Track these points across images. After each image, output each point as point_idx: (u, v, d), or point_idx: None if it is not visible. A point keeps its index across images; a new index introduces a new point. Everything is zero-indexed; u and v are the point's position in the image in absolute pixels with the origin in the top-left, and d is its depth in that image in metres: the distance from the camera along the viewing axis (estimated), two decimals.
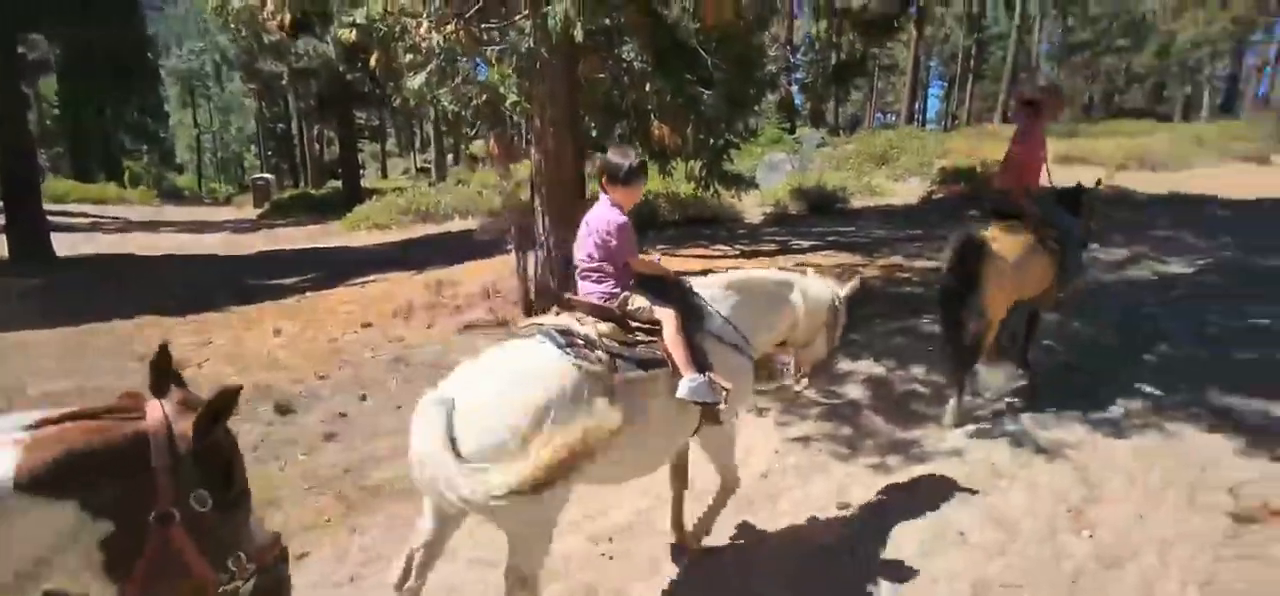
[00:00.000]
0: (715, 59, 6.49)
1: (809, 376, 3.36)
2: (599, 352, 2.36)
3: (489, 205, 13.32)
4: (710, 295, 2.84)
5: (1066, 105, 18.62)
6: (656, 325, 2.57)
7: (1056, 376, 4.98)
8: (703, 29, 6.04)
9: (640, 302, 2.62)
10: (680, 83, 6.37)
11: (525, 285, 6.35)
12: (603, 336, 2.43)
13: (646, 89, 6.54)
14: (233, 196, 35.90)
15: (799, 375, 3.36)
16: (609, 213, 2.62)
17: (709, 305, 2.79)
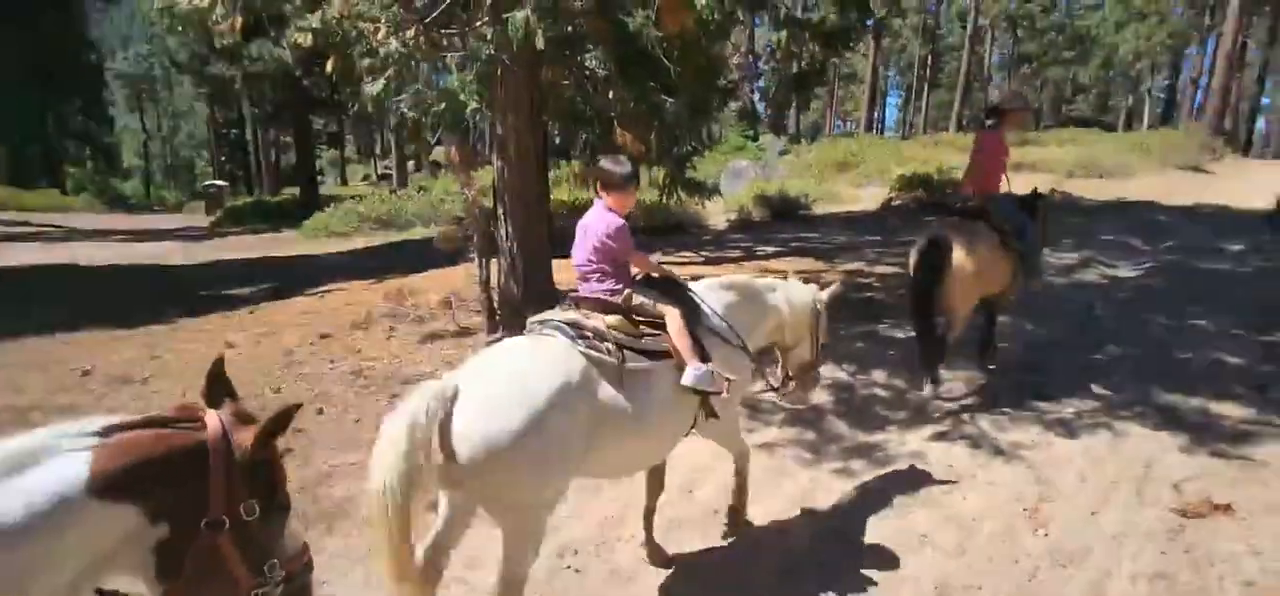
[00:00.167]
0: (677, 67, 6.51)
1: (796, 380, 3.43)
2: (608, 344, 2.46)
3: (451, 212, 13.12)
4: (704, 295, 2.95)
5: (1031, 112, 19.28)
6: (660, 319, 2.67)
7: (1012, 378, 5.13)
8: (664, 37, 6.06)
9: (644, 298, 2.72)
10: (643, 90, 6.36)
11: (488, 293, 6.25)
12: (611, 328, 2.54)
13: (610, 96, 6.52)
14: (184, 204, 34.68)
15: (786, 379, 3.43)
16: (606, 216, 2.73)
17: (705, 304, 2.90)
